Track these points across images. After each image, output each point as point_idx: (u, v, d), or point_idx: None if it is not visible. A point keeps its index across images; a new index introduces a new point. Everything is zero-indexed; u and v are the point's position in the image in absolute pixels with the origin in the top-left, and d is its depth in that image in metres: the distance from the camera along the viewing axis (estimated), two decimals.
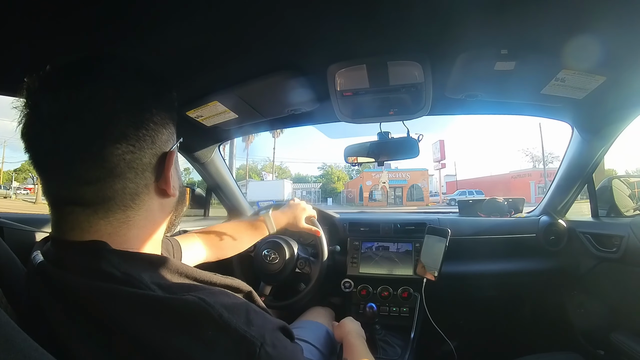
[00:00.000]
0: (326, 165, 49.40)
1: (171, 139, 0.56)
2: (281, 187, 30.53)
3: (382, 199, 29.58)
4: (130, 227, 0.51)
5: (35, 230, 1.02)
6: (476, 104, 1.33)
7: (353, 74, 1.04)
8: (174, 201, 0.59)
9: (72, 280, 0.45)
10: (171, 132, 0.56)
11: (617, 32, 0.82)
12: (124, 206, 0.50)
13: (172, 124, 0.56)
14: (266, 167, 46.05)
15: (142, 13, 0.71)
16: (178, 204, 0.61)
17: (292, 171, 52.16)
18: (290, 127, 1.60)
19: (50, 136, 0.46)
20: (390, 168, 31.36)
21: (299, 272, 1.53)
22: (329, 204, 36.56)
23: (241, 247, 1.19)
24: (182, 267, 0.52)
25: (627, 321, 1.38)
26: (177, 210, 0.62)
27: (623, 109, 1.22)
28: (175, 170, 0.58)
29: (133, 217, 0.51)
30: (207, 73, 1.05)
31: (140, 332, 0.41)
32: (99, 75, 0.49)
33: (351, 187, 36.30)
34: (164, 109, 0.54)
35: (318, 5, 0.74)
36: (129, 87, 0.50)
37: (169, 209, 0.59)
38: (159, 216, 0.57)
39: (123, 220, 0.50)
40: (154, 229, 0.56)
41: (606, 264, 1.44)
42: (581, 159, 1.52)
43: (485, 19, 0.80)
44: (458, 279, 1.66)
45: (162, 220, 0.58)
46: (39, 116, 0.47)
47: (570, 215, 1.72)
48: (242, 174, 39.31)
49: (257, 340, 0.43)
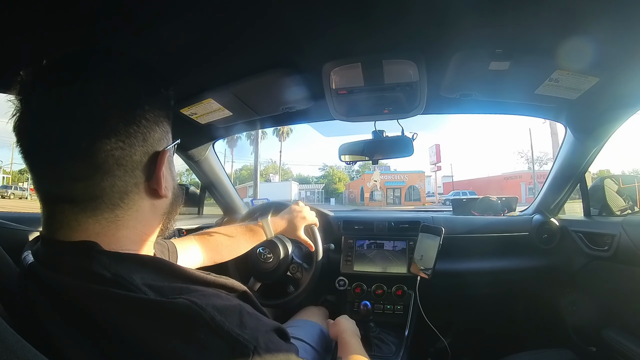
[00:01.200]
0: (327, 167, 50.19)
1: (165, 137, 0.55)
2: (289, 188, 34.53)
3: (382, 199, 30.94)
4: (119, 227, 0.50)
5: (28, 229, 1.01)
6: (470, 103, 1.33)
7: (348, 72, 1.04)
8: (166, 203, 0.58)
9: (62, 281, 0.44)
10: (165, 131, 0.55)
11: (610, 34, 0.83)
12: (112, 205, 0.49)
13: (166, 122, 0.55)
14: (268, 168, 47.17)
15: (138, 8, 0.70)
16: (172, 206, 0.60)
17: (294, 172, 52.81)
18: (285, 125, 1.60)
19: (41, 131, 0.46)
20: (390, 170, 33.64)
21: (290, 276, 1.53)
22: (331, 204, 38.12)
23: (238, 252, 1.18)
24: (174, 268, 0.52)
25: (618, 318, 1.40)
26: (171, 213, 0.61)
27: (616, 109, 1.23)
28: (170, 171, 0.57)
29: (122, 217, 0.50)
30: (202, 70, 1.04)
31: (131, 335, 0.41)
32: (91, 70, 0.48)
33: (352, 188, 37.99)
34: (158, 106, 0.53)
35: (314, 4, 0.74)
36: (122, 83, 0.49)
37: (162, 211, 0.58)
38: (151, 217, 0.56)
39: (112, 220, 0.49)
40: (145, 231, 0.55)
41: (598, 262, 1.45)
42: (574, 158, 1.53)
43: (480, 19, 0.80)
44: (452, 277, 1.67)
45: (154, 222, 0.57)
46: (30, 110, 0.46)
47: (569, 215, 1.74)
48: (244, 175, 41.24)
49: (250, 344, 0.43)
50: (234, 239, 1.15)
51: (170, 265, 0.52)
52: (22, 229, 1.00)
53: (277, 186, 34.49)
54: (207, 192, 2.03)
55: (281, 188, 34.64)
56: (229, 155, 39.09)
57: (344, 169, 47.27)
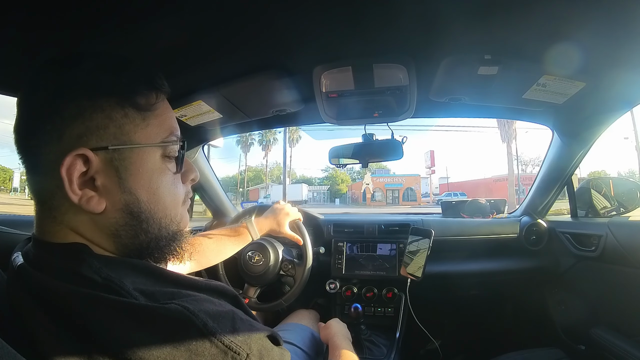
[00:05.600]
0: (330, 168, 50.49)
1: (94, 134, 0.47)
2: (299, 190, 37.71)
3: (382, 200, 33.44)
4: (76, 238, 0.48)
5: (21, 233, 0.99)
6: (459, 107, 1.34)
7: (339, 75, 1.04)
8: (112, 222, 0.49)
9: (51, 284, 0.43)
10: (96, 127, 0.47)
11: (596, 40, 0.85)
12: (48, 210, 0.48)
13: (99, 114, 0.47)
14: (274, 170, 48.27)
15: (127, 6, 0.69)
16: (130, 228, 0.50)
17: (297, 174, 53.37)
18: (275, 127, 1.60)
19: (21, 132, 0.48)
20: (389, 174, 37.76)
21: (283, 274, 1.52)
22: (336, 204, 40.43)
23: (225, 255, 1.18)
24: (165, 272, 0.51)
25: (606, 317, 1.42)
26: (134, 237, 0.50)
27: (601, 113, 1.25)
28: (116, 180, 0.48)
29: (60, 231, 0.48)
30: (192, 71, 1.03)
31: (122, 341, 0.40)
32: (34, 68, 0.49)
33: (354, 189, 40.56)
34: (81, 96, 0.47)
35: (306, 8, 0.74)
36: (41, 77, 0.49)
37: (108, 231, 0.49)
38: (94, 237, 0.49)
39: (71, 227, 0.48)
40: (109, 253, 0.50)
41: (585, 262, 1.47)
42: (561, 161, 1.55)
43: (470, 25, 0.81)
44: (442, 279, 1.68)
45: (101, 242, 0.49)
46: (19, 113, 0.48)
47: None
48: (250, 176, 42.42)
49: (243, 350, 0.43)
50: (220, 242, 1.15)
51: (160, 270, 0.51)
52: (13, 233, 0.98)
53: (289, 188, 35.87)
54: (196, 194, 2.01)
55: (293, 190, 36.68)
56: (234, 158, 40.97)
57: (346, 170, 48.00)
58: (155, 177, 0.51)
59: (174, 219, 0.54)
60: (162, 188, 0.52)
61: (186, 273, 1.01)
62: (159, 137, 0.52)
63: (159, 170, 0.52)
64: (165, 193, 0.53)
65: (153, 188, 0.51)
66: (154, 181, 0.51)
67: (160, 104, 0.53)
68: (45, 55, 0.49)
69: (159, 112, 0.53)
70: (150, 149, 0.51)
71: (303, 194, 37.42)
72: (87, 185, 0.47)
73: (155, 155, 0.52)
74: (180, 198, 0.56)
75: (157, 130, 0.52)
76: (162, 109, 0.54)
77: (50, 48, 0.76)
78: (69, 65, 0.49)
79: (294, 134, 34.63)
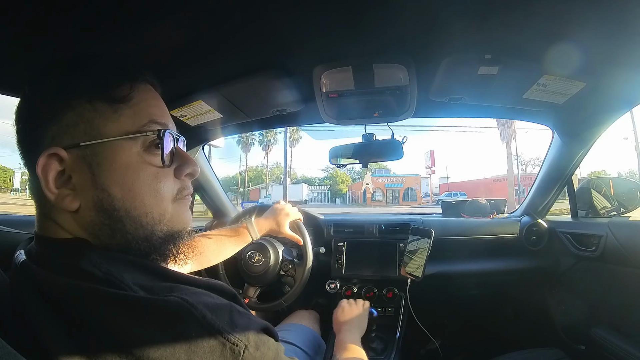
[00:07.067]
0: (330, 168, 50.64)
1: (66, 132, 0.48)
2: (300, 190, 38.33)
3: (382, 200, 33.88)
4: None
5: (22, 232, 0.99)
6: (460, 107, 1.34)
7: (339, 75, 1.04)
8: (88, 221, 0.48)
9: (53, 279, 0.43)
10: (66, 125, 0.48)
11: (596, 40, 0.85)
12: (41, 208, 0.51)
13: (69, 112, 0.48)
14: (274, 170, 48.86)
15: (127, 7, 0.69)
16: (107, 227, 0.49)
17: (298, 173, 53.78)
18: (275, 127, 1.60)
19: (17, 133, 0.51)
20: (389, 174, 37.32)
21: (283, 274, 1.52)
22: (337, 203, 41.29)
23: (225, 255, 1.18)
24: (163, 269, 0.51)
25: (606, 317, 1.42)
26: (112, 237, 0.49)
27: (601, 113, 1.25)
28: (89, 176, 0.48)
29: (56, 228, 0.50)
30: (192, 71, 1.03)
31: (121, 333, 0.40)
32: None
33: (355, 189, 41.19)
34: (53, 98, 0.48)
35: (306, 7, 0.74)
36: (31, 83, 0.52)
37: (89, 229, 0.49)
38: (80, 235, 0.49)
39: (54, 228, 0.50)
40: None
41: (585, 262, 1.47)
42: (561, 161, 1.55)
43: (470, 25, 0.81)
44: (442, 279, 1.67)
45: (88, 240, 0.49)
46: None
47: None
48: (250, 176, 43.27)
49: (241, 342, 0.43)
50: (220, 242, 1.15)
51: (158, 267, 0.51)
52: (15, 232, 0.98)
53: (290, 188, 36.25)
54: (196, 194, 2.01)
55: (293, 190, 37.48)
56: (235, 158, 41.50)
57: (347, 170, 48.22)
58: (131, 172, 0.49)
59: (159, 217, 0.51)
60: (139, 183, 0.50)
61: (186, 273, 1.01)
62: (134, 126, 0.50)
63: (136, 164, 0.50)
64: (144, 189, 0.50)
65: (128, 184, 0.49)
66: (129, 176, 0.49)
67: (135, 93, 0.51)
68: (45, 55, 0.50)
69: (134, 101, 0.51)
70: (124, 142, 0.49)
71: (303, 194, 37.75)
72: (66, 184, 0.48)
73: (130, 149, 0.50)
74: (166, 194, 0.53)
75: (132, 120, 0.50)
76: (139, 98, 0.52)
77: (49, 48, 0.76)
78: (46, 71, 0.52)
79: (295, 134, 34.74)
